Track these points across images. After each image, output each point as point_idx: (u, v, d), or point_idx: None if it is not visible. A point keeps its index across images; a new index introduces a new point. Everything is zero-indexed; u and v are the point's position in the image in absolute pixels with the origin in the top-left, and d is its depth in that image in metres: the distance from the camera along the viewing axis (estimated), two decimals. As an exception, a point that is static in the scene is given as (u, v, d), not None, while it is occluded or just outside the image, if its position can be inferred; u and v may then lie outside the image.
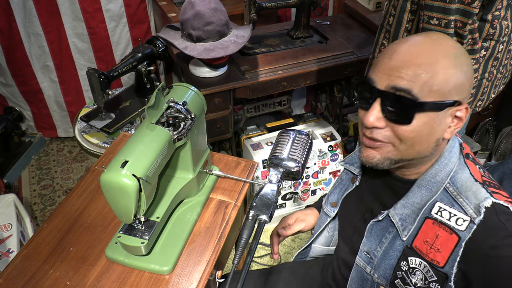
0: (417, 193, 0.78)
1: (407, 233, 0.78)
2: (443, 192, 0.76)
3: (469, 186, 0.74)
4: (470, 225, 0.70)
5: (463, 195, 0.73)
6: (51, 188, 2.24)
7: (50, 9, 2.05)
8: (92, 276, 0.83)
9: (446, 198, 0.75)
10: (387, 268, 0.82)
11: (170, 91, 0.87)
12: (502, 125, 2.18)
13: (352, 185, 0.96)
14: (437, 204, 0.75)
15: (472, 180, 0.75)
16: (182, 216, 0.94)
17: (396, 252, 0.80)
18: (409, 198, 0.79)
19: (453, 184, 0.75)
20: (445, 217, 0.73)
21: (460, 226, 0.71)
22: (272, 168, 0.77)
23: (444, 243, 0.73)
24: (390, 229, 0.82)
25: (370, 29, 2.02)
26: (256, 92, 1.73)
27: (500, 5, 1.06)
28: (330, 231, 1.06)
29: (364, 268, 0.87)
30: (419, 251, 0.76)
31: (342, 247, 0.99)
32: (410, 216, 0.78)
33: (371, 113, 0.73)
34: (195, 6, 1.51)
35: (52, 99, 2.34)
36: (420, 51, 0.70)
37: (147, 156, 0.74)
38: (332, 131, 1.98)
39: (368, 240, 0.86)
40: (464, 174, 0.76)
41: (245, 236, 0.69)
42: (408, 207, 0.79)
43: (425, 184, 0.78)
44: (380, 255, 0.83)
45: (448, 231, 0.72)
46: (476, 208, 0.70)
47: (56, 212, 0.97)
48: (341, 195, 0.98)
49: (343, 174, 1.01)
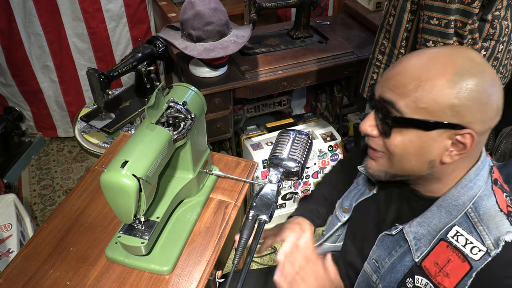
0: (436, 213, 0.75)
1: (420, 254, 0.75)
2: (464, 217, 0.72)
3: (493, 215, 0.70)
4: (485, 257, 0.67)
5: (484, 224, 0.69)
6: (51, 188, 2.24)
7: (50, 9, 2.05)
8: (92, 276, 0.83)
9: (466, 223, 0.71)
10: (392, 281, 0.79)
11: (170, 91, 0.87)
12: (502, 125, 2.17)
13: (368, 192, 0.92)
14: (455, 227, 0.72)
15: (496, 209, 0.70)
16: (182, 216, 0.94)
17: (404, 268, 0.78)
18: (427, 218, 0.75)
19: (476, 210, 0.71)
20: (461, 243, 0.70)
21: (474, 255, 0.68)
22: (272, 168, 0.77)
23: (455, 269, 0.70)
24: (402, 244, 0.79)
25: (370, 29, 2.02)
26: (256, 92, 1.73)
27: (500, 5, 1.06)
28: (339, 231, 1.06)
29: (371, 276, 0.86)
30: (428, 272, 0.73)
31: (350, 249, 0.96)
32: (426, 236, 0.75)
33: (366, 120, 0.74)
34: (195, 6, 1.51)
35: (52, 99, 2.34)
36: (418, 64, 0.67)
37: (147, 156, 0.74)
38: (332, 131, 1.98)
39: (378, 249, 0.84)
40: (489, 202, 0.71)
41: (245, 236, 0.69)
42: (425, 227, 0.75)
43: (445, 206, 0.74)
44: (387, 266, 0.81)
45: (461, 258, 0.69)
46: (495, 240, 0.67)
47: (56, 212, 0.97)
48: (355, 200, 0.95)
49: (360, 178, 0.97)
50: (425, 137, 0.68)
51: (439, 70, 0.65)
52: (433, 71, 0.65)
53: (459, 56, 0.67)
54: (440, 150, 0.69)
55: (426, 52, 0.70)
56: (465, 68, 0.65)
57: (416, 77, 0.66)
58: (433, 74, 0.65)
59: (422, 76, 0.66)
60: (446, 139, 0.68)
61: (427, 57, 0.68)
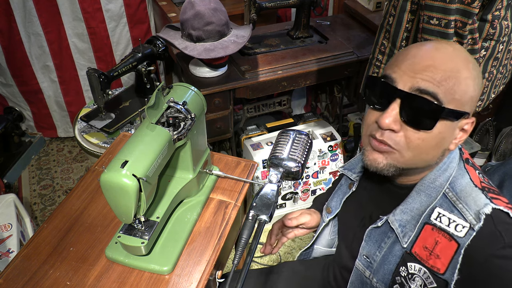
0: (416, 198, 0.77)
1: (407, 239, 0.77)
2: (442, 198, 0.75)
3: (469, 191, 0.73)
4: (470, 232, 0.69)
5: (462, 201, 0.72)
6: (51, 188, 2.24)
7: (50, 9, 2.05)
8: (92, 276, 0.83)
9: (446, 203, 0.74)
10: (386, 273, 0.81)
11: (170, 91, 0.87)
12: (502, 125, 2.18)
13: (349, 191, 0.95)
14: (436, 209, 0.74)
15: (471, 185, 0.74)
16: (182, 216, 0.94)
17: (395, 258, 0.79)
18: (408, 204, 0.78)
19: (453, 189, 0.74)
20: (444, 223, 0.73)
21: (459, 232, 0.70)
22: (272, 168, 0.77)
23: (444, 249, 0.72)
24: (389, 234, 0.81)
25: (370, 29, 2.02)
26: (256, 92, 1.73)
27: (500, 5, 1.06)
28: (332, 235, 1.06)
29: (364, 272, 0.87)
30: (419, 257, 0.75)
31: (342, 251, 0.98)
32: (410, 222, 0.77)
33: (389, 114, 0.70)
34: (195, 6, 1.51)
35: (52, 99, 2.34)
36: (444, 57, 0.69)
37: (147, 156, 0.74)
38: (332, 131, 1.98)
39: (367, 244, 0.85)
40: (464, 180, 0.75)
41: (245, 236, 0.69)
42: (408, 212, 0.78)
43: (424, 189, 0.77)
44: (379, 259, 0.82)
45: (447, 237, 0.72)
46: (476, 215, 0.69)
47: (56, 212, 0.97)
48: (340, 200, 0.97)
49: (343, 179, 1.00)
50: (451, 127, 0.71)
51: (463, 63, 0.70)
52: (459, 64, 0.69)
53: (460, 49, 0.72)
54: (452, 138, 0.73)
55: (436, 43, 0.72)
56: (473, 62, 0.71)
57: (449, 69, 0.68)
58: (460, 67, 0.69)
59: (453, 69, 0.69)
60: (457, 128, 0.72)
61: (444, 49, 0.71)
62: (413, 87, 0.69)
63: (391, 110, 0.70)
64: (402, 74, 0.70)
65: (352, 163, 0.97)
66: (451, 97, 0.68)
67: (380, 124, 0.71)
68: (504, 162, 1.66)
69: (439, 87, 0.68)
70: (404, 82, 0.70)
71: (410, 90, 0.69)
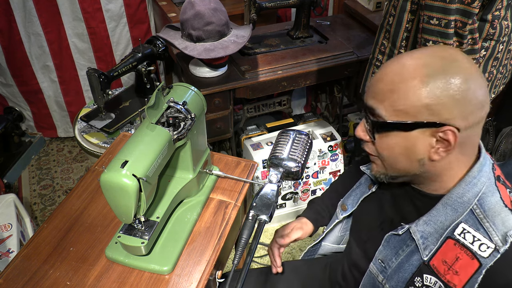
0: (442, 211, 0.75)
1: (428, 252, 0.75)
2: (469, 214, 0.72)
3: (498, 211, 0.70)
4: (494, 253, 0.67)
5: (490, 220, 0.70)
6: (51, 188, 2.24)
7: (50, 9, 2.05)
8: (92, 276, 0.83)
9: (472, 220, 0.72)
10: (399, 280, 0.80)
11: (170, 91, 0.87)
12: (502, 125, 2.18)
13: (368, 191, 0.94)
14: (461, 225, 0.72)
15: (501, 205, 0.71)
16: (182, 216, 0.94)
17: (412, 267, 0.78)
18: (433, 216, 0.76)
19: (481, 206, 0.72)
20: (468, 240, 0.70)
21: (483, 252, 0.68)
22: (272, 168, 0.77)
23: (464, 267, 0.70)
24: (409, 243, 0.79)
25: (370, 29, 2.02)
26: (256, 92, 1.73)
27: (500, 5, 1.06)
28: (342, 232, 1.06)
29: (377, 276, 0.86)
30: (436, 271, 0.74)
31: (354, 249, 0.97)
32: (433, 235, 0.75)
33: (359, 126, 0.77)
34: (195, 6, 1.51)
35: (52, 99, 2.34)
36: (394, 69, 0.70)
37: (147, 156, 0.74)
38: (332, 131, 1.98)
39: (384, 249, 0.84)
40: (494, 198, 0.72)
41: (245, 236, 0.69)
42: (431, 225, 0.76)
43: (450, 204, 0.74)
44: (394, 266, 0.81)
45: (469, 255, 0.70)
46: (503, 236, 0.68)
47: (56, 212, 0.97)
48: (357, 199, 0.96)
49: (363, 178, 0.98)
50: (408, 137, 0.71)
51: (411, 73, 0.68)
52: (406, 74, 0.68)
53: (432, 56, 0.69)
54: (425, 148, 0.71)
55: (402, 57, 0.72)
56: (436, 67, 0.67)
57: (391, 82, 0.69)
58: (405, 77, 0.68)
59: (396, 80, 0.69)
60: (429, 137, 0.70)
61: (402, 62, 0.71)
62: (365, 103, 0.75)
63: (361, 122, 0.78)
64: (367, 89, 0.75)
65: None
66: (393, 109, 0.69)
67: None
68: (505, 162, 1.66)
69: (378, 101, 0.71)
70: (365, 97, 0.75)
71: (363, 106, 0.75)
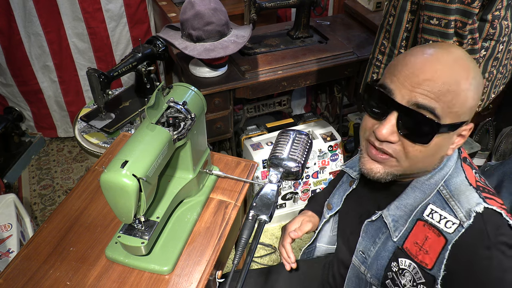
0: (411, 194, 0.78)
1: (398, 234, 0.78)
2: (436, 195, 0.75)
3: (463, 190, 0.73)
4: (459, 229, 0.70)
5: (455, 198, 0.73)
6: (51, 188, 2.24)
7: (50, 9, 2.05)
8: (92, 276, 0.83)
9: (439, 200, 0.75)
10: (379, 268, 0.82)
11: (170, 91, 0.87)
12: (502, 125, 2.18)
13: (349, 188, 0.96)
14: (429, 206, 0.75)
15: (466, 184, 0.74)
16: (182, 216, 0.94)
17: (388, 253, 0.80)
18: (403, 200, 0.79)
19: (447, 187, 0.75)
20: (436, 220, 0.73)
21: (448, 228, 0.71)
22: (272, 168, 0.77)
23: (432, 245, 0.72)
24: (384, 230, 0.82)
25: (370, 29, 2.02)
26: (256, 92, 1.73)
27: (500, 5, 1.06)
28: (334, 232, 1.07)
29: (359, 268, 0.88)
30: (409, 253, 0.76)
31: (340, 248, 0.99)
32: (402, 217, 0.78)
33: (385, 126, 0.70)
34: (195, 6, 1.51)
35: (52, 99, 2.34)
36: (444, 68, 0.67)
37: (147, 156, 0.74)
38: (332, 131, 1.98)
39: (363, 239, 0.86)
40: (459, 178, 0.75)
41: (245, 236, 0.69)
42: (401, 208, 0.78)
43: (419, 186, 0.77)
44: (373, 255, 0.83)
45: (436, 233, 0.72)
46: (467, 212, 0.70)
47: (56, 212, 0.97)
48: (341, 197, 0.98)
49: (344, 177, 1.01)
50: (448, 137, 0.71)
51: (462, 74, 0.68)
52: (459, 75, 0.67)
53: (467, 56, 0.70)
54: (449, 144, 0.73)
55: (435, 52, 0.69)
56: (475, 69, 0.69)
57: (447, 83, 0.66)
58: (458, 79, 0.67)
59: (452, 82, 0.67)
60: (455, 134, 0.72)
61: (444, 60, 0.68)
62: (411, 101, 0.68)
63: (388, 122, 0.70)
64: (400, 86, 0.69)
65: (353, 162, 0.98)
66: (448, 110, 0.68)
67: (377, 135, 0.71)
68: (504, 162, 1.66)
69: (437, 102, 0.67)
70: (402, 95, 0.69)
71: (407, 104, 0.68)
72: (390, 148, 0.72)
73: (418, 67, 0.68)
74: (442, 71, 0.67)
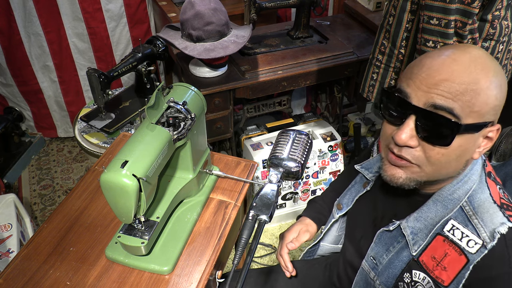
0: (432, 208, 0.75)
1: (417, 248, 0.76)
2: (459, 211, 0.73)
3: (487, 207, 0.71)
4: (481, 250, 0.68)
5: (479, 217, 0.70)
6: (51, 188, 2.24)
7: (50, 9, 2.05)
8: (92, 276, 0.83)
9: (461, 217, 0.72)
10: (389, 276, 0.80)
11: (170, 91, 0.87)
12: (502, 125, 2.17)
13: (363, 190, 0.94)
14: (450, 221, 0.73)
15: (490, 201, 0.72)
16: (182, 216, 0.94)
17: (401, 263, 0.78)
18: (423, 213, 0.76)
19: (470, 203, 0.72)
20: (457, 237, 0.71)
21: (471, 248, 0.69)
22: (272, 168, 0.77)
23: (452, 263, 0.71)
24: (400, 239, 0.80)
25: (370, 29, 2.02)
26: (256, 92, 1.73)
27: (500, 5, 1.06)
28: (340, 231, 1.06)
29: (368, 273, 0.87)
30: (425, 266, 0.74)
31: (348, 248, 0.98)
32: (422, 231, 0.76)
33: (404, 131, 0.67)
34: (195, 6, 1.51)
35: (52, 99, 2.34)
36: (460, 68, 0.65)
37: (147, 156, 0.74)
38: (332, 131, 1.98)
39: (376, 246, 0.85)
40: (483, 195, 0.72)
41: (245, 236, 0.69)
42: (421, 221, 0.76)
43: (441, 200, 0.75)
44: (385, 262, 0.82)
45: (457, 251, 0.70)
46: (490, 233, 0.68)
47: (56, 212, 0.97)
48: (352, 198, 0.96)
49: (358, 177, 0.98)
50: (472, 139, 0.68)
51: (480, 72, 0.65)
52: (477, 74, 0.65)
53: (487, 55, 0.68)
54: (474, 148, 0.70)
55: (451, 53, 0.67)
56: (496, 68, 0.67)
57: (465, 82, 0.64)
58: (478, 78, 0.64)
59: (470, 81, 0.64)
60: (481, 137, 0.69)
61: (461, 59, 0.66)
62: (428, 102, 0.65)
63: (406, 126, 0.68)
64: (416, 89, 0.67)
65: (370, 163, 0.95)
66: (469, 110, 0.64)
67: (396, 141, 0.69)
68: (505, 162, 1.66)
69: (455, 102, 0.64)
70: (418, 98, 0.67)
71: (424, 106, 0.66)
72: (409, 154, 0.69)
73: (435, 68, 0.66)
74: (459, 71, 0.65)
